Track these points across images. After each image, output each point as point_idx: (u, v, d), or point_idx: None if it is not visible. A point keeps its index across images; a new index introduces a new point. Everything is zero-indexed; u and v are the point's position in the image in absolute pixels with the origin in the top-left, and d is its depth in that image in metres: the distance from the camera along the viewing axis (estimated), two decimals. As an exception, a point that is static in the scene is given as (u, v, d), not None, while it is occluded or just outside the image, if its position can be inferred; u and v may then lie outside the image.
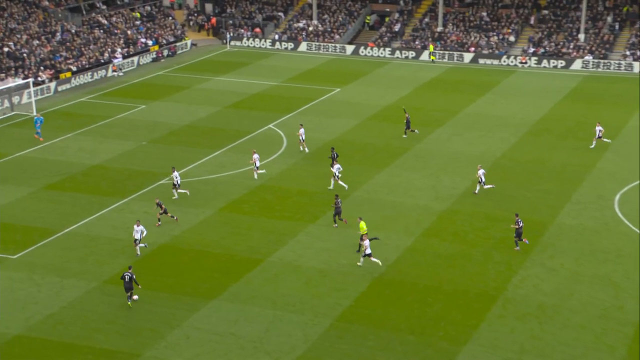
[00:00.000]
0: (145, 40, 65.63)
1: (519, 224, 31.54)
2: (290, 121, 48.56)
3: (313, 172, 40.08)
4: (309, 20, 72.41)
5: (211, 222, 34.13)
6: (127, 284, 27.31)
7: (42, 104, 50.84)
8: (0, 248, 31.05)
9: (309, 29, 71.00)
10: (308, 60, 65.29)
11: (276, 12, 74.67)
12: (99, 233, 32.72)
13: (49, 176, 38.63)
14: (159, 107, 51.23)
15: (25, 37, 57.81)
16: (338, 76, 59.88)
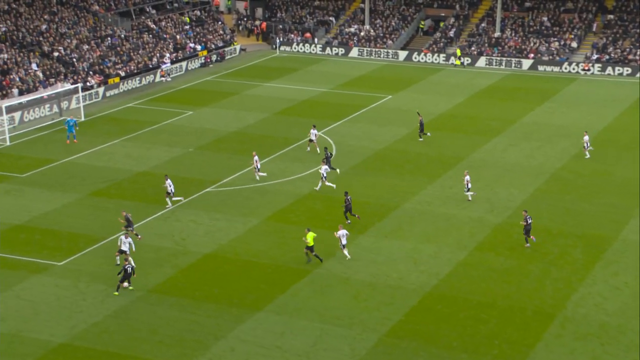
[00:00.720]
0: (194, 45, 66.65)
1: (527, 221, 32.20)
2: (340, 129, 48.60)
3: (363, 182, 40.01)
4: (361, 25, 72.49)
5: (258, 232, 34.34)
6: (126, 275, 28.67)
7: (90, 109, 52.03)
8: (46, 255, 31.80)
9: (361, 34, 71.07)
10: (359, 66, 65.31)
11: (327, 16, 74.99)
12: (144, 241, 33.23)
13: (95, 183, 39.46)
14: (206, 113, 51.89)
15: (75, 42, 59.31)
16: (390, 83, 59.74)
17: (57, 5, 63.80)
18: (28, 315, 27.53)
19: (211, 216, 35.78)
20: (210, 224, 35.03)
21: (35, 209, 35.90)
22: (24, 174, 40.50)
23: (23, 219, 34.71)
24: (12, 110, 47.84)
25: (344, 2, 76.32)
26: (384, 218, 35.77)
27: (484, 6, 71.78)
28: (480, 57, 64.99)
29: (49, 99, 50.80)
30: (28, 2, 61.85)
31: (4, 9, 59.27)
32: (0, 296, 28.59)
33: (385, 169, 41.80)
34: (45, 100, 50.62)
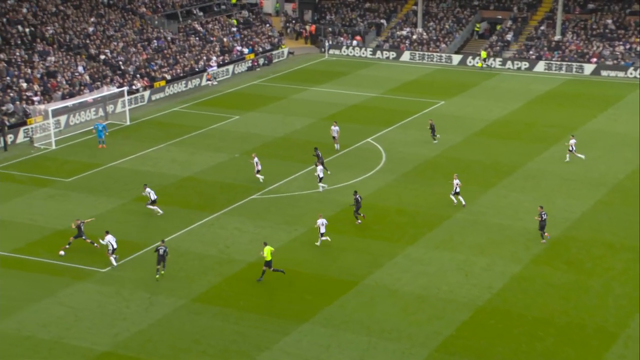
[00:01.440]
0: (241, 48, 67.33)
1: (542, 217, 33.15)
2: (390, 135, 48.47)
3: (414, 190, 39.79)
4: (413, 27, 72.24)
5: (303, 241, 34.43)
6: (161, 257, 30.32)
7: (136, 113, 52.96)
8: (90, 261, 32.41)
9: (413, 37, 70.82)
10: (411, 71, 65.07)
11: (378, 19, 74.95)
12: (188, 248, 33.63)
13: (139, 188, 40.09)
14: (253, 118, 52.33)
15: (122, 45, 60.47)
16: (443, 88, 59.36)
17: (105, 7, 65.15)
18: (70, 322, 28.08)
19: (256, 224, 36.01)
20: (255, 231, 35.26)
21: (79, 214, 36.64)
22: (69, 179, 41.41)
23: (67, 224, 35.46)
24: (58, 113, 48.98)
25: (396, 4, 76.19)
26: (435, 228, 35.51)
27: (544, 8, 70.82)
28: (539, 61, 64.11)
29: (95, 102, 51.86)
30: (76, 4, 63.31)
31: (52, 11, 60.78)
32: (43, 302, 29.23)
33: (437, 177, 41.51)
34: (90, 104, 51.70)
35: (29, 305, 28.96)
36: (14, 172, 42.34)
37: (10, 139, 46.73)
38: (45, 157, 44.78)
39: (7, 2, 58.84)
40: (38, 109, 48.43)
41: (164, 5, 69.58)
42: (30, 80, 51.88)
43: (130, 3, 67.38)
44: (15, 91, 50.06)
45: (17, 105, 48.81)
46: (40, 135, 47.48)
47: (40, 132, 47.76)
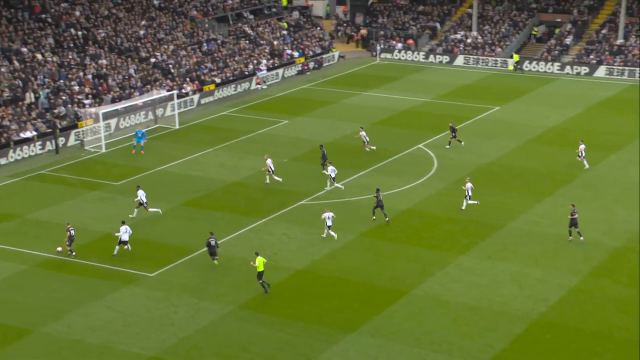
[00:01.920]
0: (291, 51, 67.76)
1: (574, 215, 33.61)
2: (443, 141, 48.20)
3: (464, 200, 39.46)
4: (468, 31, 71.74)
5: (352, 248, 34.46)
6: (212, 249, 32.07)
7: (185, 117, 53.75)
8: (138, 265, 32.99)
9: (467, 41, 70.32)
10: (464, 75, 64.61)
11: (432, 22, 74.64)
12: (235, 254, 33.98)
13: (187, 192, 40.69)
14: (302, 123, 52.60)
15: (172, 48, 61.45)
16: (498, 93, 58.78)
17: (156, 10, 66.29)
18: (118, 326, 28.62)
19: (304, 230, 36.18)
20: (302, 238, 35.44)
21: (127, 218, 37.33)
22: (118, 182, 42.25)
23: (116, 228, 36.17)
24: (109, 117, 49.97)
25: (451, 7, 75.75)
26: (488, 237, 35.18)
27: (606, 11, 69.56)
28: (600, 66, 62.98)
29: (145, 105, 52.79)
30: (127, 7, 64.58)
31: (104, 15, 62.11)
32: (92, 306, 29.87)
33: (490, 185, 41.13)
34: (140, 107, 52.65)
35: (78, 308, 29.61)
36: (65, 175, 43.38)
37: (62, 141, 47.88)
38: (95, 161, 45.77)
39: (60, 6, 60.35)
40: (89, 112, 49.51)
41: (215, 8, 70.46)
42: (82, 83, 53.08)
43: (181, 6, 68.44)
44: (67, 94, 51.28)
45: (68, 108, 50.01)
46: (90, 139, 48.54)
47: (91, 135, 48.81)
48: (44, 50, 54.39)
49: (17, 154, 45.62)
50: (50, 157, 46.38)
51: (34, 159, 45.92)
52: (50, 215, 37.86)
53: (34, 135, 46.75)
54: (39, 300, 30.17)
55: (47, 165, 44.83)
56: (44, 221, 37.19)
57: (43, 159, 45.92)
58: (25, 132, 46.64)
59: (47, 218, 37.55)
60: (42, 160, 45.80)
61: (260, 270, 30.47)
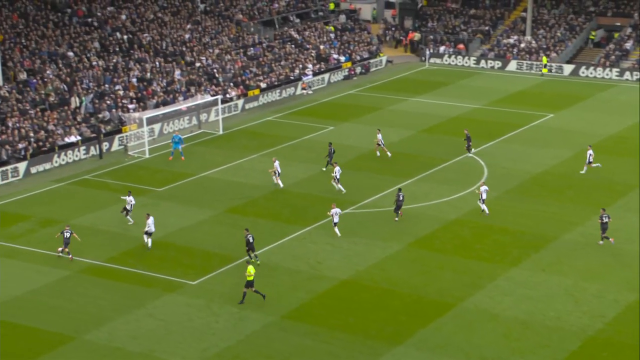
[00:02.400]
0: (338, 56, 67.84)
1: (603, 219, 33.78)
2: (494, 149, 47.68)
3: (518, 209, 38.97)
4: (521, 35, 70.95)
5: (398, 258, 34.27)
6: (250, 245, 33.14)
7: (229, 122, 54.16)
8: (180, 273, 33.27)
9: (521, 46, 69.54)
10: (517, 81, 63.89)
11: (483, 26, 74.01)
12: (278, 262, 34.04)
13: (231, 199, 40.94)
14: (348, 129, 52.56)
15: (217, 52, 62.01)
16: (552, 100, 57.98)
17: (201, 14, 67.00)
18: (160, 334, 28.88)
19: (349, 239, 36.10)
20: (347, 247, 35.35)
21: (170, 224, 37.73)
22: (161, 188, 42.72)
23: (158, 235, 36.56)
24: (153, 121, 50.63)
25: (503, 10, 75.03)
26: (541, 250, 34.66)
27: (670, 13, 68.18)
28: (661, 71, 61.71)
29: (189, 110, 53.34)
30: (173, 11, 65.42)
31: (150, 18, 63.01)
32: (134, 313, 30.20)
33: (544, 195, 40.54)
34: (184, 112, 53.22)
35: (119, 316, 29.98)
36: (109, 180, 44.04)
37: (106, 146, 48.62)
38: (138, 166, 46.37)
39: (107, 9, 61.42)
40: (133, 116, 50.21)
41: (261, 12, 70.94)
42: (127, 87, 53.89)
43: (226, 10, 69.05)
44: (112, 98, 52.10)
45: (113, 113, 50.79)
46: (134, 144, 49.21)
47: (135, 140, 49.48)
48: (90, 55, 55.39)
49: (62, 159, 46.47)
50: (94, 162, 47.16)
51: (77, 163, 46.73)
52: (94, 221, 38.45)
53: (78, 140, 47.59)
54: (81, 307, 30.62)
55: (91, 170, 45.58)
56: (87, 227, 37.78)
57: (87, 164, 46.71)
58: (70, 136, 47.51)
59: (90, 224, 38.14)
60: (86, 165, 46.59)
61: (251, 279, 30.44)
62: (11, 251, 35.11)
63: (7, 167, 43.85)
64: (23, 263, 34.12)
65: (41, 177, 44.45)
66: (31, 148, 45.60)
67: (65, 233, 34.50)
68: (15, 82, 50.70)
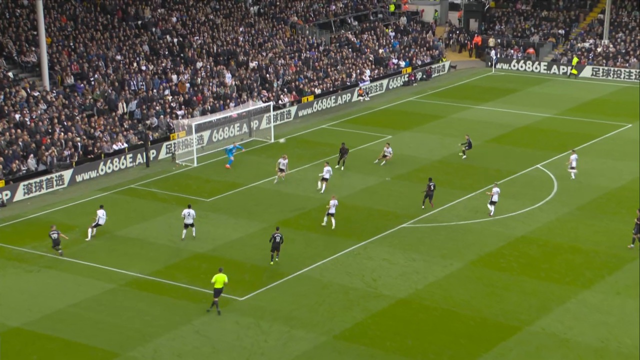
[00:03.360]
0: (398, 60, 67.85)
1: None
2: (565, 161, 47.09)
3: (592, 226, 38.38)
4: (598, 39, 69.92)
5: (460, 277, 34.06)
6: (276, 245, 34.49)
7: (281, 130, 54.57)
8: (228, 288, 33.44)
9: (597, 50, 68.53)
10: (592, 88, 62.94)
11: (556, 29, 73.17)
12: (332, 279, 34.15)
13: (282, 211, 41.21)
14: (407, 138, 52.48)
15: (270, 56, 62.62)
16: (631, 109, 57.02)
17: (255, 16, 67.70)
18: (206, 353, 29.20)
19: (407, 255, 36.03)
20: (405, 264, 35.29)
21: (219, 236, 38.16)
22: (210, 199, 43.26)
23: (206, 247, 37.01)
24: (202, 129, 51.34)
25: (578, 12, 74.11)
26: (616, 271, 34.07)
27: None
28: None
29: (239, 117, 53.93)
30: (225, 13, 66.32)
31: (201, 21, 64.01)
32: (180, 330, 30.61)
33: (621, 212, 39.87)
34: (235, 119, 53.83)
35: (165, 332, 30.41)
36: (155, 190, 44.78)
37: (153, 154, 49.48)
38: (186, 175, 47.06)
39: (157, 12, 62.61)
40: (181, 123, 50.94)
41: (317, 14, 71.40)
42: (176, 92, 54.76)
43: (281, 12, 69.68)
44: (160, 104, 53.01)
45: (161, 120, 51.71)
46: (182, 152, 49.96)
47: (183, 148, 50.23)
48: (139, 58, 56.51)
49: (108, 167, 47.46)
50: (140, 170, 48.01)
51: (124, 172, 47.64)
52: (140, 232, 39.12)
53: (125, 147, 48.55)
54: (125, 322, 31.16)
55: (138, 179, 46.40)
56: (133, 238, 38.46)
57: (133, 172, 47.57)
58: (117, 143, 48.48)
59: (137, 235, 38.82)
60: (133, 173, 47.46)
61: (219, 287, 31.18)
62: (55, 262, 35.97)
63: (52, 175, 44.97)
64: (67, 274, 34.90)
65: (87, 186, 45.46)
66: (77, 155, 46.70)
67: (52, 235, 35.93)
68: (62, 87, 52.04)
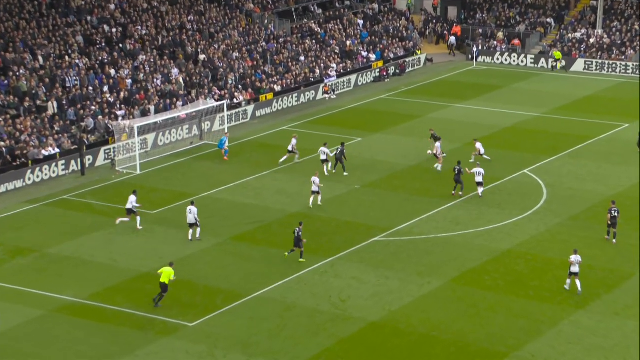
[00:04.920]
0: (367, 53, 68.16)
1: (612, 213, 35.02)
2: (556, 166, 47.59)
3: (586, 239, 38.83)
4: (591, 29, 70.87)
5: (440, 297, 34.22)
6: (297, 239, 36.36)
7: (236, 132, 54.44)
8: (177, 312, 33.35)
9: (590, 41, 69.48)
10: (585, 84, 63.72)
11: (544, 17, 74.06)
12: (295, 300, 34.11)
13: (238, 224, 41.10)
14: (378, 141, 52.66)
15: (223, 48, 62.48)
16: (628, 106, 57.79)
17: (206, 3, 67.46)
18: (151, 385, 29.00)
19: (380, 273, 36.11)
20: (378, 283, 35.37)
21: (167, 254, 37.90)
22: (156, 210, 43.00)
23: (152, 266, 36.76)
24: (145, 131, 51.00)
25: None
26: (614, 289, 34.49)
27: None
28: None
29: (189, 118, 53.72)
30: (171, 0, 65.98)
31: (143, 8, 63.61)
32: None
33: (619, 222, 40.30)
34: (184, 120, 53.60)
35: (103, 362, 30.15)
36: (93, 201, 44.40)
37: (89, 161, 49.07)
38: (128, 184, 46.72)
39: (91, -2, 62.19)
40: (122, 125, 50.60)
41: (276, 1, 71.48)
42: (116, 89, 54.28)
43: (235, -2, 69.58)
44: (97, 103, 52.60)
45: (98, 121, 51.28)
46: (123, 158, 49.61)
47: (124, 153, 49.89)
48: (72, 51, 56.01)
49: (36, 175, 46.99)
50: (75, 179, 47.58)
51: (55, 181, 47.19)
52: (74, 250, 38.75)
53: (56, 152, 48.06)
54: (58, 354, 30.78)
55: (72, 189, 45.98)
56: (67, 256, 38.08)
57: (67, 182, 47.13)
58: (47, 148, 47.97)
59: (71, 253, 38.45)
60: (66, 182, 47.02)
61: (164, 281, 32.90)
62: (-24, 285, 35.48)
63: (-28, 185, 44.40)
64: (-10, 299, 34.45)
65: (11, 197, 44.93)
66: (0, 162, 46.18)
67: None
68: (-18, 83, 51.42)
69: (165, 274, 33.04)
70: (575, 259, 34.12)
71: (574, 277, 34.07)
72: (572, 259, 34.13)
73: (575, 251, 34.48)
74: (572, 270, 34.16)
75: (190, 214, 39.10)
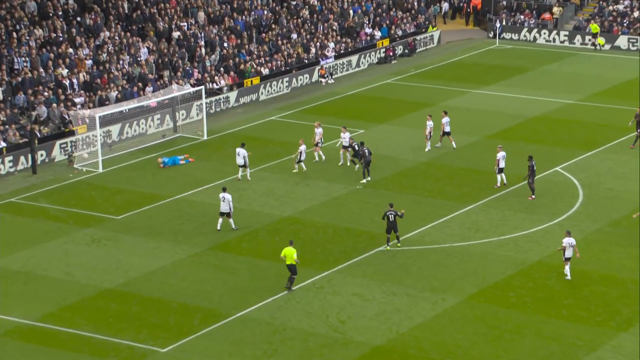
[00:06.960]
0: (371, 30, 68.19)
1: None
2: (593, 162, 47.76)
3: (629, 248, 38.98)
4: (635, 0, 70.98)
5: (455, 316, 34.30)
6: (391, 224, 38.27)
7: (216, 124, 54.45)
8: (146, 335, 33.34)
9: (634, 15, 69.59)
10: (628, 65, 63.88)
11: (579, -13, 74.20)
12: (285, 321, 34.15)
13: (220, 231, 41.11)
14: (384, 133, 52.73)
15: (201, 23, 62.40)
16: (679, 92, 57.99)
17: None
18: (116, 421, 29.05)
19: (385, 289, 36.17)
20: (383, 300, 35.43)
21: (134, 267, 37.93)
22: (121, 215, 43.00)
23: (116, 282, 36.75)
24: (109, 121, 50.99)
25: (607, -35, 75.32)
26: (661, 307, 34.63)
27: None
28: None
29: (160, 106, 53.70)
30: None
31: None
32: (80, 391, 30.43)
33: (666, 228, 40.52)
34: (154, 109, 53.57)
35: (59, 394, 30.21)
36: (46, 205, 44.38)
37: (42, 157, 49.04)
38: (89, 184, 46.72)
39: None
40: (81, 115, 50.58)
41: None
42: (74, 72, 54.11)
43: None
44: (51, 88, 52.53)
45: (52, 109, 51.24)
46: (82, 152, 49.54)
47: (83, 147, 49.86)
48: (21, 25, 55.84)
49: (-20, 174, 47.04)
50: (25, 178, 47.54)
51: (2, 180, 47.11)
52: (24, 262, 38.70)
53: (2, 147, 48.03)
54: (5, 383, 30.86)
55: (21, 190, 45.95)
56: (15, 270, 38.04)
57: (15, 181, 47.10)
58: (-8, 142, 48.04)
59: (20, 266, 38.41)
60: (14, 182, 46.99)
61: (290, 263, 35.14)
62: None
63: None
64: None
65: (-49, 200, 44.94)
66: (-63, 158, 46.14)
67: None
68: None
69: (289, 256, 35.10)
70: (567, 242, 35.53)
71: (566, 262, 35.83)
72: (565, 242, 35.44)
73: (569, 233, 35.83)
74: (567, 255, 35.68)
75: (224, 202, 40.41)
